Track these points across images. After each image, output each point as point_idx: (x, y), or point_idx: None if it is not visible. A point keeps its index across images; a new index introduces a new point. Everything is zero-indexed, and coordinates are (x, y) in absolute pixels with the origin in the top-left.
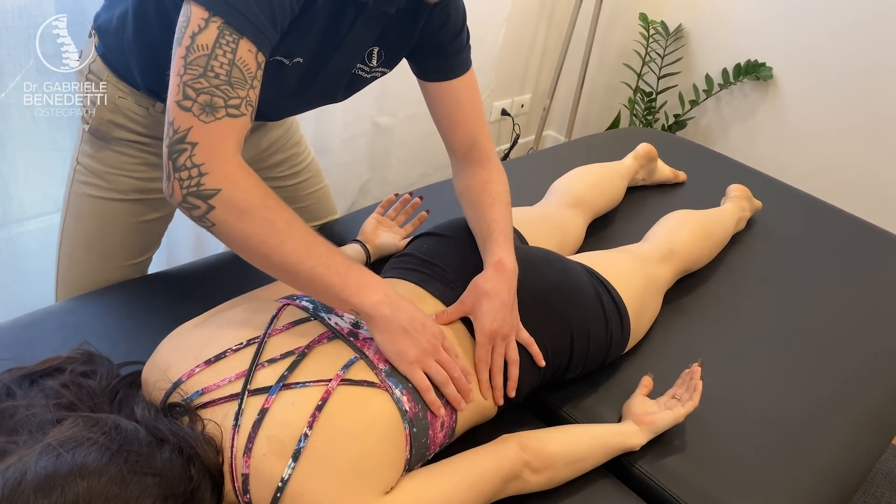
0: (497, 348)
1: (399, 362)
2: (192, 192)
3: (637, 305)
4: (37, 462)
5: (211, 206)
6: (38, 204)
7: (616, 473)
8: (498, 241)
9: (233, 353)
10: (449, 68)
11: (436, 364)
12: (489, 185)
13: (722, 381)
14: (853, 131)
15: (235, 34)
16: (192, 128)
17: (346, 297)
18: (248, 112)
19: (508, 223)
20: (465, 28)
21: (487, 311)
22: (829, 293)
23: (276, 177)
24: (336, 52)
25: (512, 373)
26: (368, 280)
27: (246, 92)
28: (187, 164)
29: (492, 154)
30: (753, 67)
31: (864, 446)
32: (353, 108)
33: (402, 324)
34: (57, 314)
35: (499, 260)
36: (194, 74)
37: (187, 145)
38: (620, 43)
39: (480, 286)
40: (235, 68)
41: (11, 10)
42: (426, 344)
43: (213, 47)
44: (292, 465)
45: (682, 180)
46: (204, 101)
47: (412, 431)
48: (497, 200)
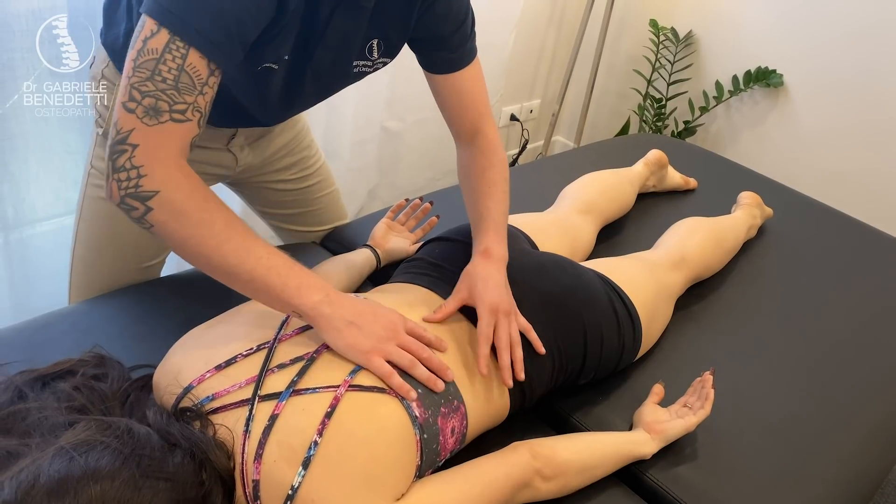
0: (501, 324)
1: (354, 355)
2: (129, 194)
3: (649, 313)
4: (50, 465)
5: (149, 208)
6: (49, 206)
7: (627, 482)
8: (487, 231)
9: (243, 358)
10: (452, 61)
11: (398, 349)
12: (487, 172)
13: (733, 389)
14: (864, 138)
15: (184, 44)
16: (134, 130)
17: (286, 298)
18: (194, 118)
19: (501, 213)
20: (469, 19)
21: (485, 290)
22: (840, 301)
23: (286, 179)
24: (318, 46)
25: (516, 353)
26: (309, 281)
27: (194, 98)
28: (126, 166)
29: (495, 143)
30: (764, 74)
31: (875, 456)
32: (363, 113)
33: (348, 318)
34: (69, 316)
35: (486, 248)
36: (141, 77)
37: (128, 146)
38: (630, 49)
39: (472, 273)
40: (184, 73)
41: (25, 13)
42: (381, 331)
43: (163, 52)
44: (302, 472)
45: (693, 187)
46: (148, 104)
47: (423, 437)
48: (493, 189)
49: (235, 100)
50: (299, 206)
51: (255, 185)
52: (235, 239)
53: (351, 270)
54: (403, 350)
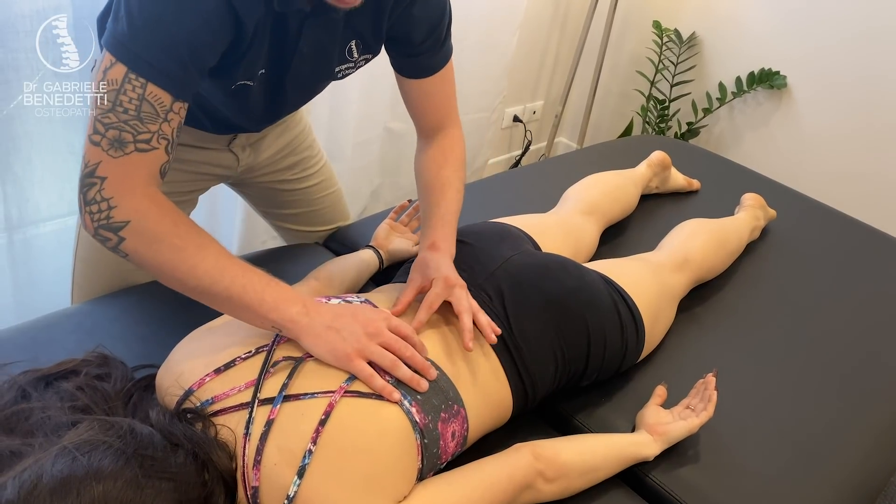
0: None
1: (335, 360)
2: (102, 225)
3: (652, 314)
4: (53, 465)
5: (122, 238)
6: (53, 206)
7: (630, 483)
8: (435, 227)
9: (242, 361)
10: (423, 67)
11: (379, 349)
12: (442, 170)
13: (736, 391)
14: (867, 140)
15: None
16: (101, 162)
17: (263, 313)
18: (160, 145)
19: (452, 212)
20: (444, 25)
21: (437, 270)
22: (844, 303)
23: (288, 179)
24: (294, 59)
25: (480, 319)
26: (285, 295)
27: (158, 126)
28: (97, 198)
29: (455, 139)
30: (767, 76)
31: (879, 459)
32: (366, 114)
33: (326, 323)
34: (72, 316)
35: (433, 242)
36: (104, 109)
37: (97, 179)
38: (633, 50)
39: (420, 262)
40: (146, 103)
41: (30, 13)
42: (362, 331)
43: (122, 83)
44: (297, 481)
45: (696, 188)
46: (112, 137)
47: (423, 442)
48: (445, 187)
49: (221, 112)
50: (301, 205)
51: (257, 185)
52: (208, 260)
53: (353, 271)
54: (386, 349)
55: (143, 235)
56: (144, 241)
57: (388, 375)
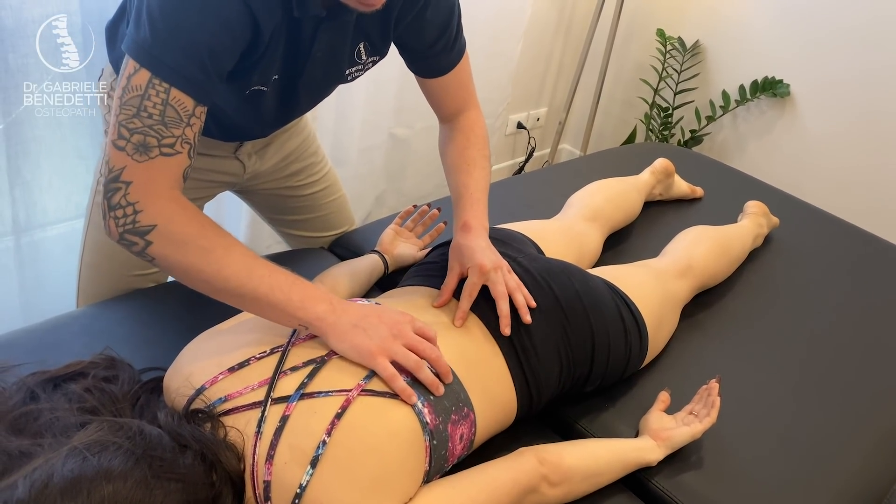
0: (493, 278)
1: (359, 357)
2: (128, 230)
3: (655, 320)
4: (63, 465)
5: (148, 242)
6: (60, 210)
7: (633, 489)
8: (465, 206)
9: (256, 360)
10: (439, 67)
11: (403, 349)
12: (466, 150)
13: (739, 397)
14: (870, 149)
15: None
16: (126, 167)
17: (291, 311)
18: (183, 150)
19: (480, 189)
20: (454, 24)
21: (471, 257)
22: (846, 311)
23: (293, 185)
24: (307, 64)
25: (517, 299)
26: (312, 293)
27: (181, 130)
28: (122, 203)
29: (476, 121)
30: (770, 84)
31: (881, 466)
32: (371, 120)
33: (352, 322)
34: (79, 319)
35: (464, 222)
36: (128, 114)
37: (121, 184)
38: (637, 58)
39: (455, 247)
40: (169, 108)
41: (41, 17)
42: (387, 331)
43: (146, 88)
44: (311, 471)
45: (699, 196)
46: (137, 141)
47: (432, 443)
48: (471, 166)
49: (232, 118)
50: (307, 211)
51: (262, 191)
52: (235, 262)
53: (359, 276)
54: (410, 350)
55: (170, 239)
56: (171, 244)
57: (405, 375)
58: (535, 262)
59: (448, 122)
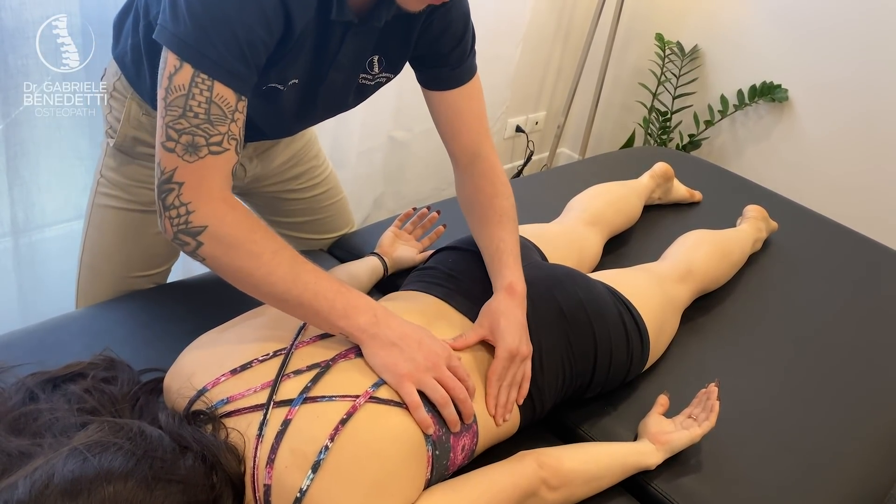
0: (513, 367)
1: (388, 376)
2: (181, 230)
3: (656, 325)
4: (64, 465)
5: (200, 243)
6: (59, 211)
7: (632, 492)
8: (508, 264)
9: (259, 363)
10: (450, 78)
11: (433, 381)
12: (495, 200)
13: (738, 401)
14: (868, 153)
15: (208, 77)
16: (178, 168)
17: (333, 320)
18: (231, 146)
19: (516, 243)
20: (469, 37)
21: (507, 331)
22: (845, 315)
23: (294, 189)
24: (331, 68)
25: (524, 388)
26: (356, 303)
27: (227, 127)
28: (175, 203)
29: (496, 166)
30: (769, 89)
31: (880, 470)
32: (370, 122)
33: (392, 339)
34: (78, 320)
35: (510, 284)
36: (175, 115)
37: (174, 185)
38: (636, 62)
39: (495, 309)
40: (214, 105)
41: (41, 17)
42: (422, 360)
43: (190, 87)
44: (311, 476)
45: (698, 200)
46: (186, 142)
47: (434, 454)
48: (504, 218)
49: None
50: (307, 214)
51: (263, 194)
52: (283, 267)
53: (359, 278)
54: (440, 384)
55: (221, 240)
56: (221, 246)
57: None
58: (540, 270)
59: (465, 168)
